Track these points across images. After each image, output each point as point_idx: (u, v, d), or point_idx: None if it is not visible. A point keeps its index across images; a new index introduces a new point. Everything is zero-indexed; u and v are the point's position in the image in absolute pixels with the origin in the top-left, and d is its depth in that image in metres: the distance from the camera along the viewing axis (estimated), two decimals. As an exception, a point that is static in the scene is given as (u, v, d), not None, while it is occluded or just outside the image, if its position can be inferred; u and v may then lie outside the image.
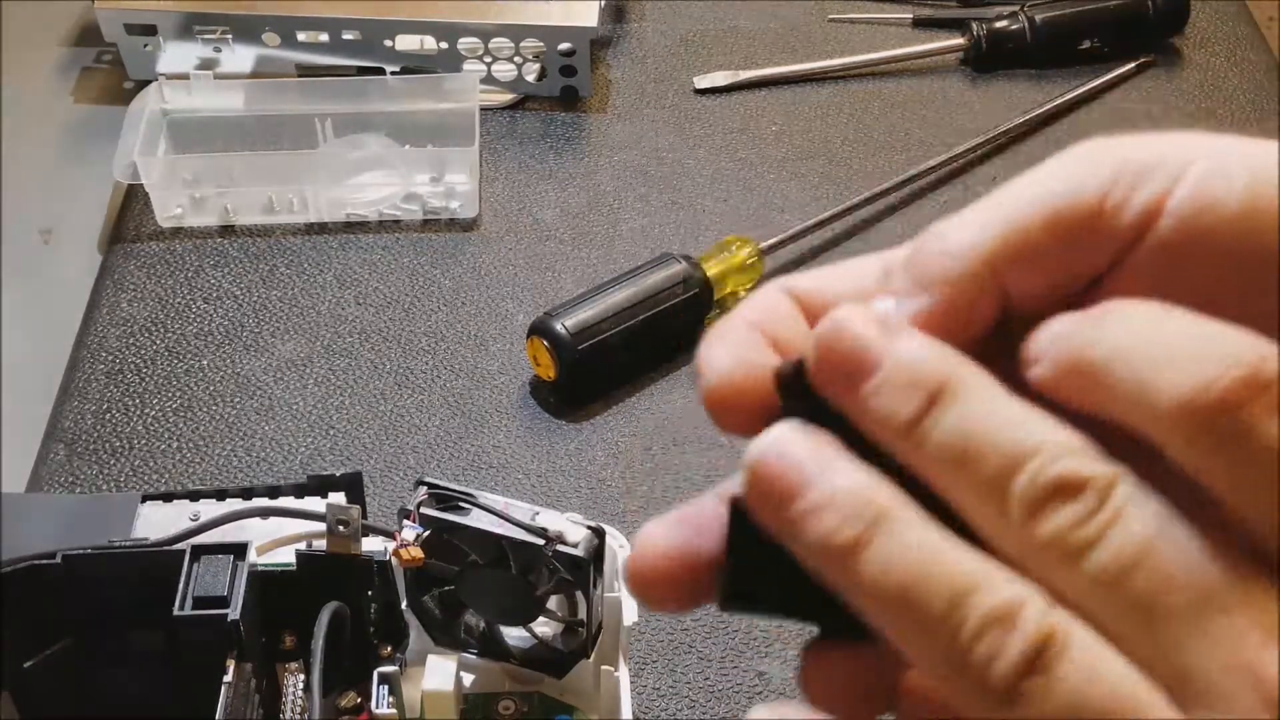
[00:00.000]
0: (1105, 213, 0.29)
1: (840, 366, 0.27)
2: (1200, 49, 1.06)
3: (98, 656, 0.56)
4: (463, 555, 0.57)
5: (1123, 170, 0.29)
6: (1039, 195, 0.30)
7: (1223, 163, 0.28)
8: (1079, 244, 0.29)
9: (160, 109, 0.93)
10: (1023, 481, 0.25)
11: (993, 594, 0.25)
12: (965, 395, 0.27)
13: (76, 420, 0.80)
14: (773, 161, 0.97)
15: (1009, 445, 0.26)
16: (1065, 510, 0.25)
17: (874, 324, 0.28)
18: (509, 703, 0.61)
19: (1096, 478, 0.25)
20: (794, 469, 0.27)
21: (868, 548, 0.26)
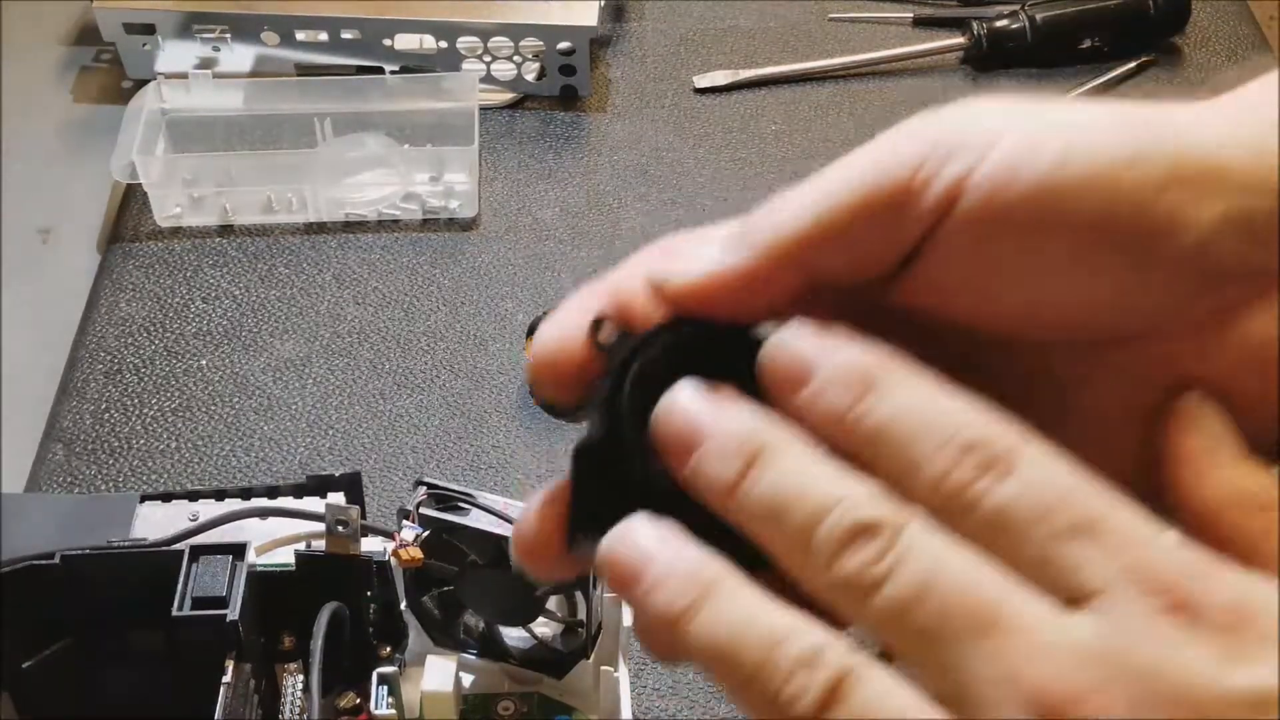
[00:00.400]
0: (911, 192, 0.31)
1: (673, 443, 0.31)
2: (1201, 48, 1.06)
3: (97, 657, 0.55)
4: (462, 555, 0.57)
5: (932, 150, 0.31)
6: (850, 179, 0.32)
7: (1032, 139, 0.31)
8: (886, 225, 0.31)
9: (159, 108, 0.93)
10: (825, 529, 0.29)
11: (800, 641, 0.28)
12: (777, 458, 0.30)
13: (75, 420, 0.80)
14: (773, 161, 0.97)
15: (814, 498, 0.29)
16: (861, 552, 0.29)
17: (702, 399, 0.31)
18: (508, 703, 0.61)
19: (888, 521, 0.29)
20: (637, 556, 0.31)
21: (697, 614, 0.29)
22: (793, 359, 0.31)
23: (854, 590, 0.29)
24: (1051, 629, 0.28)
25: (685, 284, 0.33)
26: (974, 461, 0.29)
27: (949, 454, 0.29)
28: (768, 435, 0.30)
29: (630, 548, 0.31)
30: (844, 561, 0.29)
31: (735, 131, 0.99)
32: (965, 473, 0.29)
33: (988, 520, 0.28)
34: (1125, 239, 0.30)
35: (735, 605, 0.30)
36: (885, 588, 0.28)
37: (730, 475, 0.30)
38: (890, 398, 0.30)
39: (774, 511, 0.30)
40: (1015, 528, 0.28)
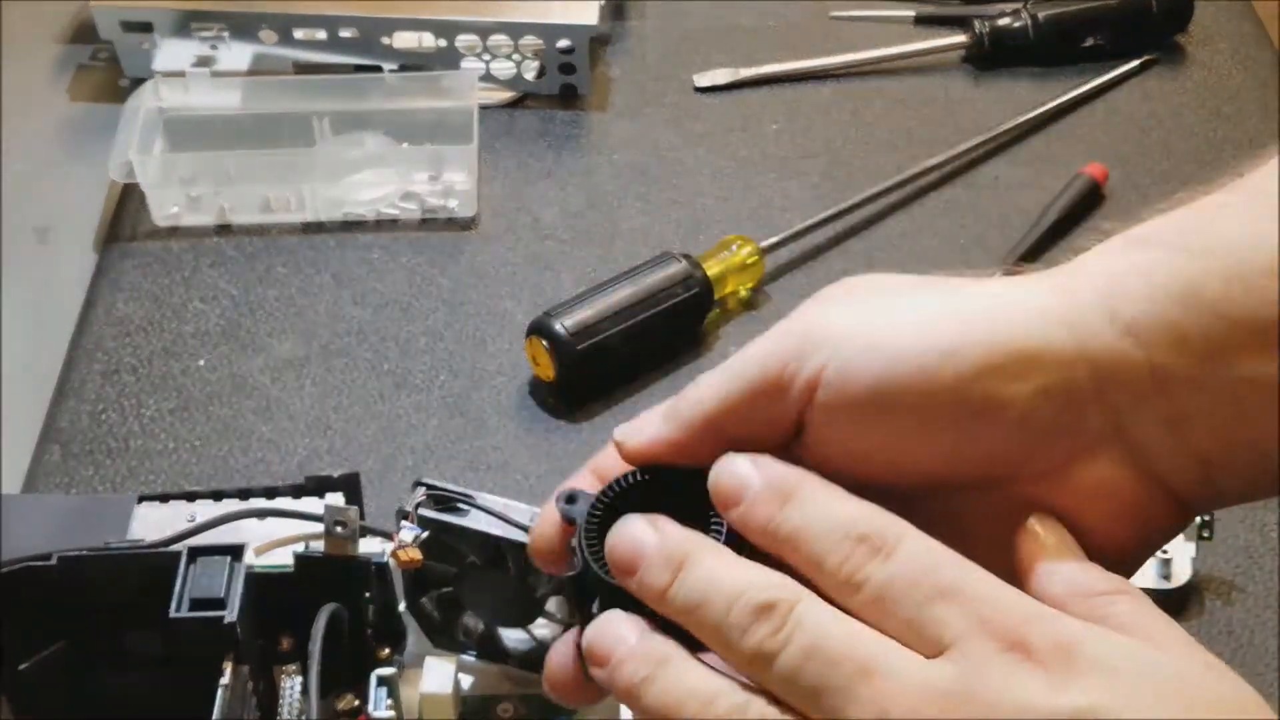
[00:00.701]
0: (783, 383, 0.41)
1: (620, 564, 0.40)
2: (1203, 47, 1.06)
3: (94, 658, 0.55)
4: (461, 557, 0.57)
5: (798, 347, 0.41)
6: (744, 370, 0.42)
7: (871, 340, 0.41)
8: (771, 406, 0.41)
9: (156, 107, 0.93)
10: (734, 613, 0.37)
11: (728, 699, 0.37)
12: (696, 565, 0.39)
13: (72, 420, 0.79)
14: (773, 160, 0.97)
15: (725, 591, 0.38)
16: (762, 627, 0.37)
17: (639, 527, 0.40)
18: (508, 705, 0.61)
19: (782, 600, 0.37)
20: (608, 643, 0.40)
21: (651, 684, 0.38)
22: (730, 481, 0.40)
23: (760, 659, 0.37)
24: (916, 673, 0.36)
25: (635, 446, 0.43)
26: (865, 548, 0.37)
27: (847, 544, 0.38)
28: (689, 546, 0.39)
29: (602, 636, 0.40)
30: (749, 636, 0.37)
31: (736, 130, 0.99)
32: (859, 557, 0.37)
33: (875, 591, 0.37)
34: (951, 417, 0.39)
35: (676, 674, 0.38)
36: (783, 654, 0.36)
37: (663, 582, 0.39)
38: (803, 505, 0.39)
39: (696, 605, 0.38)
40: (894, 595, 0.37)
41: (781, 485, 0.40)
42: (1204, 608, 0.70)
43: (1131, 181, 0.95)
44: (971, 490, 0.41)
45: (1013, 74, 1.03)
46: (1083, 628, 0.36)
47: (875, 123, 1.00)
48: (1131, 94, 1.02)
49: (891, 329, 0.41)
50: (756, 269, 0.86)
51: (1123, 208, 0.93)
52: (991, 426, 0.39)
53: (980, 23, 1.03)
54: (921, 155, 0.95)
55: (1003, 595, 0.37)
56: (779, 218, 0.91)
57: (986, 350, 0.39)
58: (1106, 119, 1.00)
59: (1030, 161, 0.96)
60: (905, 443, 0.40)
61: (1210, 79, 1.03)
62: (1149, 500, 0.40)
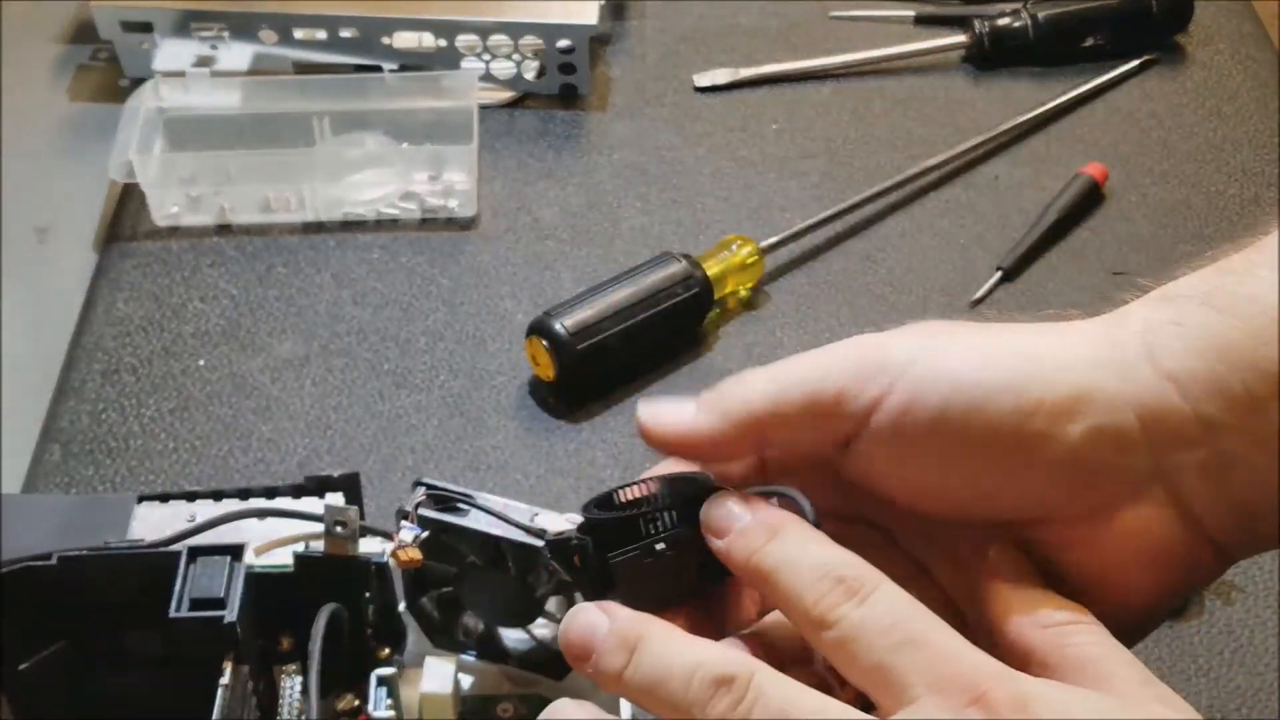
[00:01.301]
0: (841, 402, 0.43)
1: (574, 653, 0.42)
2: (1204, 47, 1.06)
3: (93, 659, 0.55)
4: (461, 557, 0.57)
5: (859, 370, 0.43)
6: (800, 380, 0.43)
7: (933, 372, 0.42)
8: (823, 421, 0.43)
9: (156, 107, 0.93)
10: (693, 687, 0.39)
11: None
12: (650, 644, 0.41)
13: (72, 420, 0.79)
14: (773, 160, 0.97)
15: (681, 666, 0.40)
16: (724, 699, 0.39)
17: (589, 614, 0.42)
18: (507, 705, 0.61)
19: (741, 674, 0.39)
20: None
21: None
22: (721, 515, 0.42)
23: None
24: None
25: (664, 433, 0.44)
26: (842, 589, 0.39)
27: (826, 583, 0.40)
28: (641, 628, 0.41)
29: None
30: (712, 709, 0.39)
31: (736, 130, 0.99)
32: (836, 596, 0.39)
33: (845, 631, 0.39)
34: (1007, 450, 0.41)
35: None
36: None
37: (618, 665, 0.41)
38: (788, 542, 0.41)
39: (655, 684, 0.40)
40: (864, 639, 0.39)
41: (770, 522, 0.42)
42: (1204, 608, 0.70)
43: (1131, 181, 0.95)
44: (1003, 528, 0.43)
45: (1013, 74, 1.03)
46: (1040, 684, 0.38)
47: (875, 123, 1.00)
48: (1131, 94, 1.02)
49: (956, 360, 0.42)
50: (756, 269, 0.86)
51: (1123, 208, 0.93)
52: (1042, 463, 0.41)
53: (980, 23, 1.03)
54: (921, 155, 0.95)
55: (966, 652, 0.38)
56: (779, 218, 0.91)
57: (1046, 387, 0.41)
58: (1106, 119, 1.00)
59: (1030, 161, 0.96)
60: (955, 472, 0.42)
61: (1210, 79, 1.03)
62: (1187, 544, 0.41)
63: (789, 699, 0.39)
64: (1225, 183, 0.95)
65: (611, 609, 0.42)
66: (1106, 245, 0.91)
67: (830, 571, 0.40)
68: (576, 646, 0.42)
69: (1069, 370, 0.42)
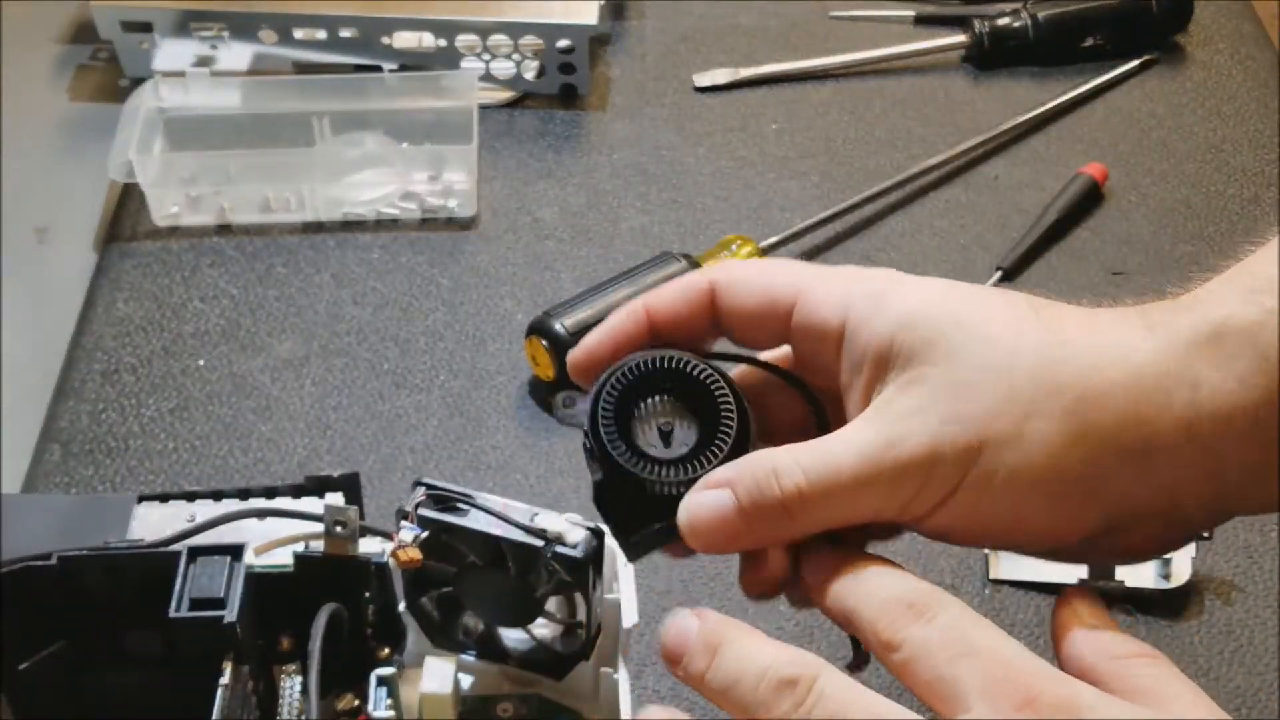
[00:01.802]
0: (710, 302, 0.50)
1: (669, 654, 0.45)
2: (1203, 47, 1.06)
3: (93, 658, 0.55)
4: (461, 557, 0.57)
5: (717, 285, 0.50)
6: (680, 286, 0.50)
7: (823, 294, 0.48)
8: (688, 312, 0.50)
9: (156, 107, 0.93)
10: (760, 688, 0.42)
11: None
12: (728, 648, 0.44)
13: (72, 420, 0.79)
14: (773, 160, 0.97)
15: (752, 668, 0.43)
16: (785, 700, 0.42)
17: (687, 621, 0.46)
18: (507, 705, 0.61)
19: (804, 676, 0.42)
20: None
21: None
22: (812, 568, 0.47)
23: None
24: None
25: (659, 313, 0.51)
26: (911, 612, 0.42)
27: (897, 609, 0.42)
28: (724, 631, 0.45)
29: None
30: (774, 710, 0.42)
31: (736, 130, 0.99)
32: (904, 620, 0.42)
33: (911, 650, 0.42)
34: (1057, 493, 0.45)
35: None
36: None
37: (702, 667, 0.44)
38: (866, 581, 0.44)
39: (730, 685, 0.43)
40: (926, 654, 0.41)
41: (849, 562, 0.45)
42: (1204, 608, 0.70)
43: (1131, 181, 0.95)
44: None
45: (1013, 74, 1.03)
46: (1091, 691, 0.40)
47: (875, 123, 1.00)
48: (1131, 94, 1.02)
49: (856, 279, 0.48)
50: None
51: (1123, 208, 0.93)
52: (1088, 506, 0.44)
53: (980, 23, 1.03)
54: (921, 155, 0.95)
55: (1020, 658, 0.41)
56: (779, 218, 0.91)
57: (1112, 434, 0.43)
58: (1106, 119, 1.00)
59: (1030, 161, 0.96)
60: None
61: (1210, 79, 1.03)
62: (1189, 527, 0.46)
63: (847, 701, 0.41)
64: (1225, 183, 0.95)
65: (704, 613, 0.45)
66: (1106, 245, 0.91)
67: (903, 599, 0.43)
68: (672, 650, 0.45)
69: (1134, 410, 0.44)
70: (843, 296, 0.48)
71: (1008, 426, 0.44)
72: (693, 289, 0.50)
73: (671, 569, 0.72)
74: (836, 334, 0.48)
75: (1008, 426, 0.44)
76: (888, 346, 0.46)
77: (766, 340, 0.51)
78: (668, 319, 0.50)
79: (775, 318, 0.49)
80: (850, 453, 0.45)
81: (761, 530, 0.46)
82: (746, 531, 0.47)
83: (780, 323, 0.49)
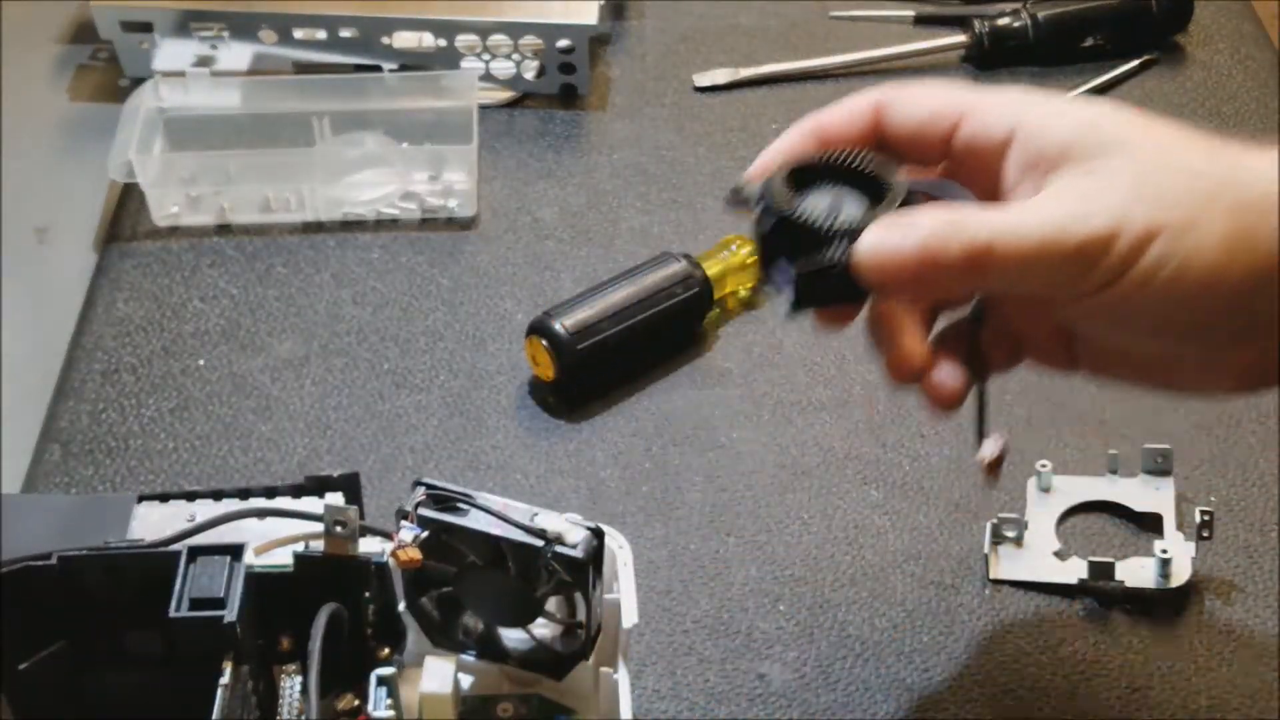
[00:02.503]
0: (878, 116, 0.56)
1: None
2: (1203, 47, 1.06)
3: (93, 658, 0.55)
4: (461, 556, 0.57)
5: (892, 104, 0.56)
6: None
7: (992, 105, 0.53)
8: None
9: (156, 107, 0.93)
10: None
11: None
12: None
13: (72, 420, 0.79)
14: (773, 160, 0.96)
15: None
16: None
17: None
18: (507, 705, 0.61)
19: None
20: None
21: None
22: None
23: None
24: None
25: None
26: None
27: None
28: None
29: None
30: None
31: (736, 130, 0.99)
32: None
33: None
34: None
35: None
36: None
37: None
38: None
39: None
40: None
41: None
42: (1204, 608, 0.70)
43: (1131, 181, 0.95)
44: None
45: (1013, 74, 1.03)
46: None
47: (875, 123, 1.00)
48: (1131, 94, 1.02)
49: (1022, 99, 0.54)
50: (756, 269, 0.86)
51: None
52: None
53: (980, 23, 1.03)
54: (921, 155, 0.95)
55: None
56: (779, 218, 0.91)
57: None
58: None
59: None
60: None
61: (1210, 79, 1.03)
62: None
63: None
64: (1225, 183, 0.95)
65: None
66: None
67: None
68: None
69: None
70: (1014, 108, 0.52)
71: (1182, 219, 0.47)
72: (860, 106, 0.56)
73: (671, 569, 0.72)
74: (1003, 141, 0.52)
75: (1182, 219, 0.47)
76: (1070, 143, 0.50)
77: (925, 156, 0.55)
78: (835, 135, 0.56)
79: (937, 133, 0.54)
80: (1034, 221, 0.49)
81: (934, 275, 0.50)
82: (920, 272, 0.50)
83: (941, 138, 0.54)
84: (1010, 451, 0.57)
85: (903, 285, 0.51)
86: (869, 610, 0.70)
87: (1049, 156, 0.50)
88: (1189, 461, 0.76)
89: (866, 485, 0.76)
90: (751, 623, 0.70)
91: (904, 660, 0.68)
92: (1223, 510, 0.72)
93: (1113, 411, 0.79)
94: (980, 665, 0.68)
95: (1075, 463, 0.76)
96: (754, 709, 0.66)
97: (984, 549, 0.72)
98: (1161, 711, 0.66)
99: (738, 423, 0.79)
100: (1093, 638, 0.69)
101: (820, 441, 0.78)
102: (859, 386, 0.81)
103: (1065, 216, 0.48)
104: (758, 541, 0.73)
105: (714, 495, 0.76)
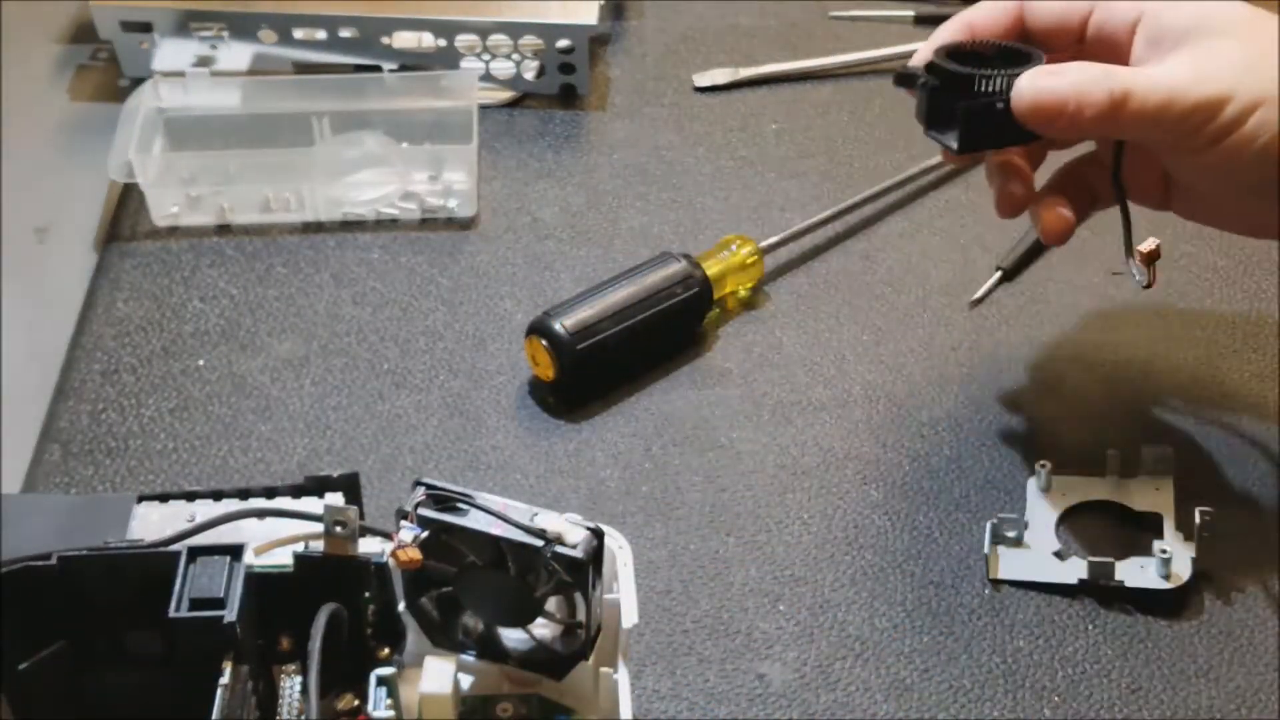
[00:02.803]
0: None
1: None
2: (1202, 47, 1.05)
3: (93, 659, 0.55)
4: (461, 556, 0.57)
5: None
6: None
7: None
8: None
9: (156, 107, 0.93)
10: None
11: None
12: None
13: (72, 420, 0.79)
14: (773, 160, 0.97)
15: None
16: None
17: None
18: (507, 705, 0.61)
19: None
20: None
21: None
22: None
23: None
24: None
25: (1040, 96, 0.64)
26: None
27: None
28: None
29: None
30: None
31: (735, 130, 0.99)
32: None
33: None
34: None
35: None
36: None
37: None
38: None
39: None
40: None
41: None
42: (1204, 608, 0.70)
43: (1131, 181, 0.95)
44: None
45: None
46: None
47: (875, 122, 1.00)
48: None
49: None
50: (756, 269, 0.86)
51: (1122, 207, 0.93)
52: None
53: (980, 22, 1.03)
54: (921, 155, 0.95)
55: None
56: (778, 218, 0.91)
57: None
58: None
59: (1030, 161, 0.96)
60: None
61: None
62: None
63: None
64: (1225, 183, 0.95)
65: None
66: (1106, 245, 0.90)
67: None
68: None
69: None
70: None
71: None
72: (1006, 5, 0.68)
73: (671, 569, 0.72)
74: (1132, 24, 0.64)
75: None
76: (1191, 25, 0.61)
77: (1061, 45, 0.67)
78: (984, 29, 0.68)
79: (1072, 22, 0.66)
80: (1164, 78, 0.61)
81: (1080, 114, 0.61)
82: (1069, 110, 0.61)
83: (1077, 27, 0.66)
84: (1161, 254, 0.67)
85: (1053, 121, 0.62)
86: (869, 610, 0.70)
87: (1172, 35, 0.62)
88: (1189, 461, 0.76)
89: (866, 485, 0.76)
90: (751, 623, 0.70)
91: (904, 660, 0.68)
92: (1222, 510, 0.72)
93: (1113, 411, 0.79)
94: (980, 665, 0.68)
95: (1075, 463, 0.76)
96: (754, 709, 0.66)
97: (984, 549, 0.72)
98: (1161, 711, 0.66)
99: (737, 423, 0.79)
100: (1093, 638, 0.69)
101: (820, 441, 0.78)
102: (859, 386, 0.81)
103: (1188, 79, 0.60)
104: (757, 541, 0.73)
105: (714, 495, 0.76)
